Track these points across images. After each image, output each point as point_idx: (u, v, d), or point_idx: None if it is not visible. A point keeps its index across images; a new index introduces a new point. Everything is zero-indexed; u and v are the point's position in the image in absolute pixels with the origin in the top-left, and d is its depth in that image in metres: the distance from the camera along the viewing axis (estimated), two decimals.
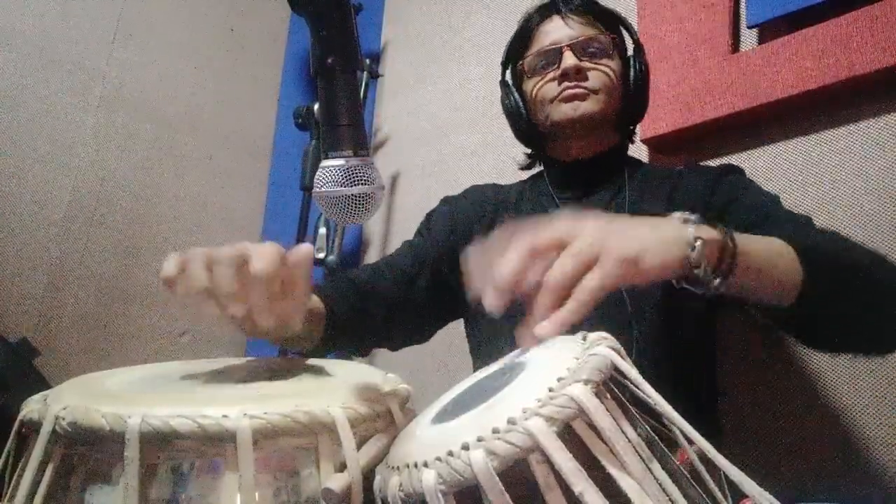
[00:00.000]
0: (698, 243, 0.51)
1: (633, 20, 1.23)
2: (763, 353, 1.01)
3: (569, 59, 0.89)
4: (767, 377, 1.00)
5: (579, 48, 0.90)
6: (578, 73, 0.89)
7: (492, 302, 0.47)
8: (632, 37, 0.96)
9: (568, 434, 0.33)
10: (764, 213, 0.80)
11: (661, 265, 0.50)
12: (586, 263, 0.47)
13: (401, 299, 0.91)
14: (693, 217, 0.54)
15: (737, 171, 0.91)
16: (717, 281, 0.53)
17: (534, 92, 0.94)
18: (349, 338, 0.82)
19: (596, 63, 0.90)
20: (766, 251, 0.60)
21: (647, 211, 0.88)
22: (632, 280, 0.48)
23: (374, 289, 0.88)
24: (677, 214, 0.55)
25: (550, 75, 0.91)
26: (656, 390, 0.37)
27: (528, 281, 0.47)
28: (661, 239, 0.51)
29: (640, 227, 0.52)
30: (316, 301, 0.74)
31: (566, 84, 0.90)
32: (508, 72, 1.01)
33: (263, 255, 0.48)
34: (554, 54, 0.91)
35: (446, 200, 1.06)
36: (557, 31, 0.92)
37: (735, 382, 1.01)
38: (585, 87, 0.89)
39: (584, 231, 0.48)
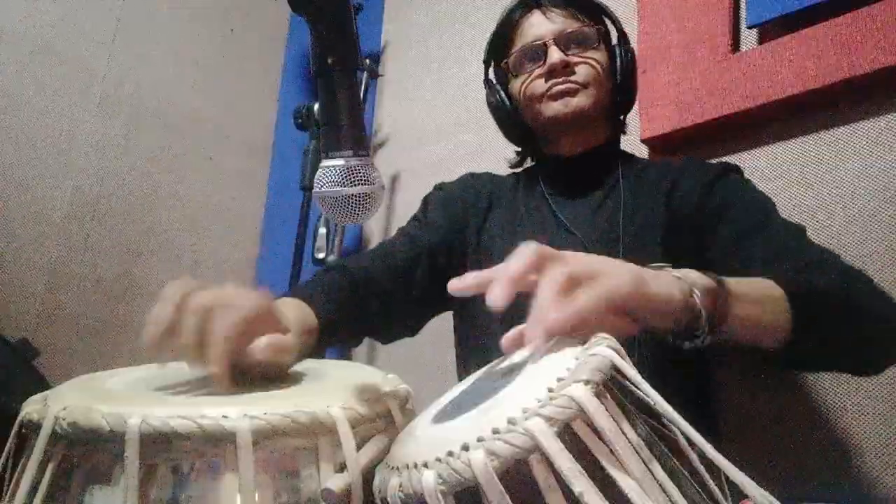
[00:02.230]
0: (698, 288, 0.51)
1: (633, 20, 1.23)
2: (762, 353, 1.00)
3: (554, 55, 0.88)
4: (766, 377, 1.00)
5: (564, 42, 0.89)
6: (565, 68, 0.88)
7: (495, 294, 0.44)
8: (615, 26, 0.95)
9: (568, 434, 0.33)
10: (757, 221, 0.79)
11: (666, 294, 0.49)
12: (590, 272, 0.46)
13: (398, 292, 0.89)
14: (688, 270, 0.53)
15: (735, 170, 0.90)
16: (707, 329, 0.52)
17: (521, 91, 0.92)
18: (343, 335, 0.81)
19: (582, 56, 0.89)
20: (756, 298, 0.58)
21: (643, 207, 0.88)
22: (634, 298, 0.46)
23: (371, 283, 0.86)
24: (674, 272, 0.54)
25: (537, 72, 0.90)
26: (657, 391, 0.37)
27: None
28: (665, 277, 0.51)
29: (645, 268, 0.52)
30: (309, 315, 0.73)
31: (554, 80, 0.88)
32: (491, 70, 1.00)
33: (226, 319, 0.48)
34: (538, 50, 0.90)
35: (441, 187, 1.04)
36: (540, 25, 0.91)
37: (734, 383, 1.01)
38: (574, 82, 0.88)
39: (592, 256, 0.48)
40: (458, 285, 0.48)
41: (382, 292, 0.87)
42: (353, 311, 0.81)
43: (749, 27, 1.11)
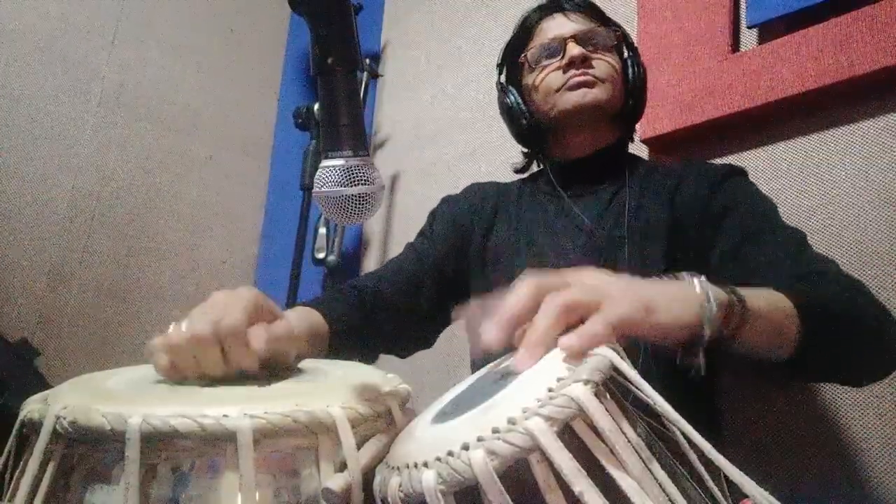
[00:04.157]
0: (713, 304, 0.49)
1: (633, 20, 1.23)
2: (764, 365, 1.00)
3: (574, 48, 0.89)
4: (768, 378, 1.00)
5: (583, 39, 0.90)
6: (584, 61, 0.89)
7: (491, 336, 0.44)
8: (626, 40, 0.97)
9: (568, 434, 0.33)
10: (760, 225, 0.79)
11: (673, 320, 0.47)
12: (594, 299, 0.44)
13: (408, 307, 0.90)
14: (702, 279, 0.52)
15: (739, 173, 0.90)
16: (722, 340, 0.51)
17: (537, 83, 0.93)
18: (355, 350, 0.81)
19: (600, 54, 0.91)
20: (769, 314, 0.57)
21: (648, 209, 0.88)
22: (641, 327, 0.45)
23: (381, 299, 0.88)
24: (687, 276, 0.53)
25: (555, 65, 0.91)
26: (664, 391, 0.37)
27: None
28: (674, 296, 0.49)
29: (653, 285, 0.50)
30: (317, 319, 0.73)
31: (573, 71, 0.89)
32: (504, 74, 1.01)
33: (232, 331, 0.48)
34: (557, 45, 0.91)
35: (447, 200, 1.05)
36: (560, 26, 0.92)
37: (735, 383, 1.01)
38: (592, 75, 0.89)
39: (596, 277, 0.47)
40: (461, 315, 0.48)
41: (392, 308, 0.88)
42: (365, 327, 0.83)
43: (749, 27, 1.11)
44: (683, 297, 0.50)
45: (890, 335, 0.68)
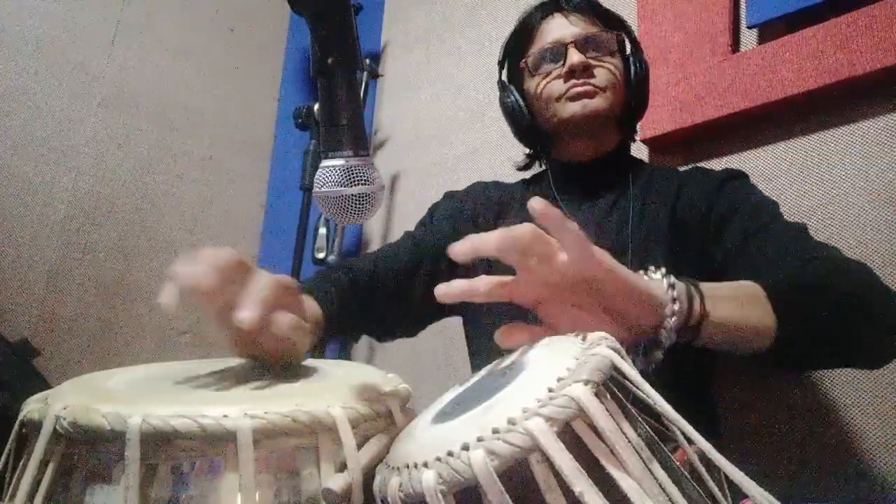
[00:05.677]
0: (672, 321, 0.51)
1: (633, 20, 1.23)
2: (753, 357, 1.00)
3: (574, 56, 0.88)
4: (767, 377, 1.00)
5: (583, 45, 0.89)
6: (585, 70, 0.88)
7: (457, 251, 0.48)
8: (629, 37, 0.96)
9: (568, 434, 0.33)
10: (762, 223, 0.79)
11: (626, 328, 0.50)
12: (557, 249, 0.48)
13: (400, 293, 0.90)
14: (674, 287, 0.52)
15: (739, 176, 0.90)
16: (678, 331, 0.52)
17: (538, 90, 0.92)
18: (343, 332, 0.82)
19: (601, 60, 0.90)
20: (736, 300, 0.58)
21: (650, 214, 0.88)
22: (598, 285, 0.49)
23: (374, 282, 0.87)
24: (658, 277, 0.54)
25: (555, 73, 0.90)
26: (661, 391, 0.37)
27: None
28: (637, 301, 0.51)
29: (623, 292, 0.51)
30: (314, 306, 0.73)
31: (573, 81, 0.88)
32: (505, 71, 1.00)
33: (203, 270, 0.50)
34: (558, 51, 0.90)
35: (450, 195, 1.04)
36: (560, 28, 0.91)
37: (735, 382, 1.01)
38: (593, 85, 0.88)
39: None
40: (446, 291, 0.49)
41: (384, 292, 0.88)
42: (355, 308, 0.82)
43: (749, 27, 1.11)
44: (645, 302, 0.51)
45: (886, 312, 0.66)
